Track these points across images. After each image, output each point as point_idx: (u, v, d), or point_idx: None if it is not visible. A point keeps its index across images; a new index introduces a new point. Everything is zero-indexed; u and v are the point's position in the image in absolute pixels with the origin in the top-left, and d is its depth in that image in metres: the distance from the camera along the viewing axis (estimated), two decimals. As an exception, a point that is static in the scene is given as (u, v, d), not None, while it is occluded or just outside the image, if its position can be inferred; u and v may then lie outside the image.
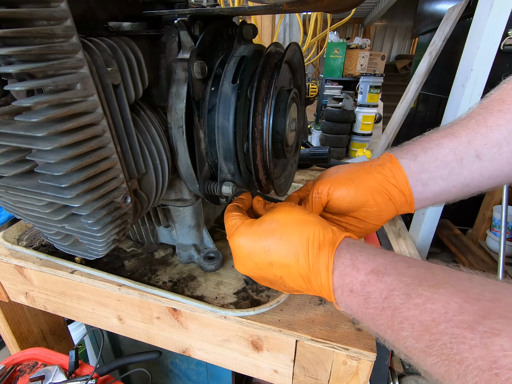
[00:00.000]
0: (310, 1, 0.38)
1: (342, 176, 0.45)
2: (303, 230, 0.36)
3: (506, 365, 0.21)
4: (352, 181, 0.43)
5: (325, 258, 0.34)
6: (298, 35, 3.70)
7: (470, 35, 1.88)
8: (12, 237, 0.68)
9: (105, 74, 0.36)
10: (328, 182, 0.45)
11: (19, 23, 0.28)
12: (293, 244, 0.36)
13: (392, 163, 0.43)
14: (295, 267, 0.36)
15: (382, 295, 0.29)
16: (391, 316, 0.28)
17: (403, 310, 0.27)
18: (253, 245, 0.38)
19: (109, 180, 0.39)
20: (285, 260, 0.36)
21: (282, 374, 0.50)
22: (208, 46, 0.47)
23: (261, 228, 0.39)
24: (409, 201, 0.43)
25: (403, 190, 0.42)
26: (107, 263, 0.61)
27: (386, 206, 0.43)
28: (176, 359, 0.93)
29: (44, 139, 0.32)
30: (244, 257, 0.40)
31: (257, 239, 0.38)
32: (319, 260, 0.34)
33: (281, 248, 0.37)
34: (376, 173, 0.43)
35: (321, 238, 0.36)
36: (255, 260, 0.39)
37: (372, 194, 0.43)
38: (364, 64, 3.25)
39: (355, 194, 0.43)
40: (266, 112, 0.45)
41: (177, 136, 0.48)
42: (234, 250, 0.41)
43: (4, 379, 0.65)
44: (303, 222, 0.38)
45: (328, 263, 0.34)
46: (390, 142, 2.64)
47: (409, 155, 0.43)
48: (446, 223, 2.54)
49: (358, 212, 0.45)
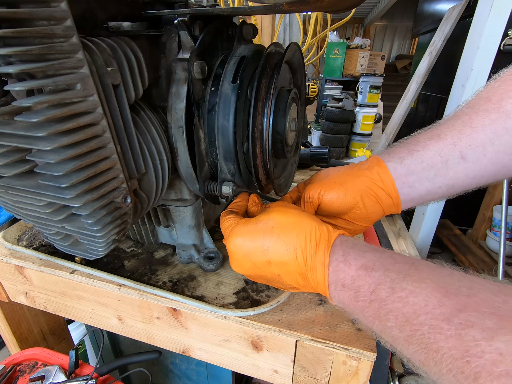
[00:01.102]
0: (310, 1, 0.38)
1: (332, 180, 0.46)
2: (300, 228, 0.37)
3: (476, 354, 0.23)
4: (341, 185, 0.45)
5: (321, 255, 0.35)
6: (298, 35, 3.70)
7: (470, 35, 1.88)
8: (12, 237, 0.68)
9: (105, 74, 0.36)
10: (319, 186, 0.46)
11: (19, 23, 0.28)
12: (292, 242, 0.37)
13: (380, 167, 0.44)
14: (293, 265, 0.37)
15: (370, 289, 0.31)
16: (378, 308, 0.30)
17: (388, 303, 0.29)
18: (251, 245, 0.39)
19: (109, 180, 0.39)
20: (284, 258, 0.37)
21: (282, 374, 0.50)
22: (208, 46, 0.47)
23: (258, 227, 0.39)
24: (395, 203, 0.44)
25: (390, 193, 0.44)
26: (107, 263, 0.61)
27: (373, 208, 0.45)
28: (176, 359, 0.93)
29: (44, 139, 0.32)
30: (242, 257, 0.40)
31: (254, 238, 0.39)
32: (316, 257, 0.35)
33: (279, 246, 0.37)
34: (364, 177, 0.45)
35: (317, 235, 0.36)
36: (253, 259, 0.39)
37: (361, 197, 0.44)
38: (364, 64, 3.26)
39: (345, 198, 0.44)
40: (266, 112, 0.45)
41: (177, 136, 0.48)
42: (231, 250, 0.41)
43: (4, 379, 0.65)
44: (300, 221, 0.38)
45: (324, 260, 0.35)
46: (390, 142, 2.64)
47: (396, 158, 0.44)
48: (446, 223, 2.54)
49: (347, 214, 0.47)
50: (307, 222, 0.38)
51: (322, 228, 0.37)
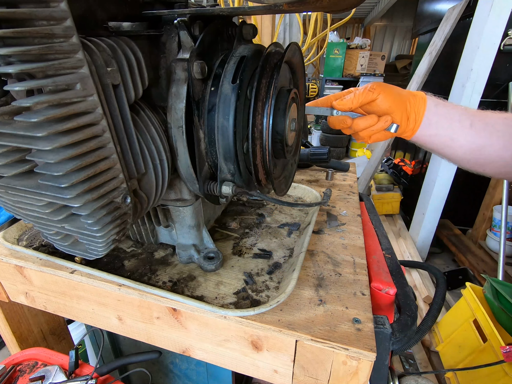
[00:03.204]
0: (310, 1, 0.38)
1: (393, 89, 0.60)
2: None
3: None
4: (398, 95, 0.58)
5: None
6: (298, 35, 3.70)
7: (470, 35, 1.88)
8: (12, 237, 0.68)
9: (105, 74, 0.36)
10: (382, 86, 0.59)
11: (19, 23, 0.28)
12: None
13: (423, 100, 0.60)
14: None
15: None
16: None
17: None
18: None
19: (109, 180, 0.39)
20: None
21: (282, 374, 0.50)
22: (208, 46, 0.47)
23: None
24: (414, 129, 0.60)
25: (417, 120, 0.59)
26: (107, 263, 0.61)
27: (399, 122, 0.59)
28: (176, 359, 0.93)
29: (43, 139, 0.32)
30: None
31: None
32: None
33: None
34: (410, 98, 0.60)
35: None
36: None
37: (400, 110, 0.58)
38: (364, 64, 3.25)
39: (392, 104, 0.57)
40: (266, 112, 0.45)
41: (177, 136, 0.48)
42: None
43: (4, 379, 0.65)
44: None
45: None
46: (390, 142, 2.64)
47: (433, 101, 0.60)
48: (446, 223, 2.54)
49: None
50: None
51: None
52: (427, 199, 2.26)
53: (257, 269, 0.59)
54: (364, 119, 0.58)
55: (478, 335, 1.33)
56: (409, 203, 2.71)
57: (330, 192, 0.80)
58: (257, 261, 0.62)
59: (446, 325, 1.59)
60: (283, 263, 0.61)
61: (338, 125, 0.61)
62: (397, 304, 0.56)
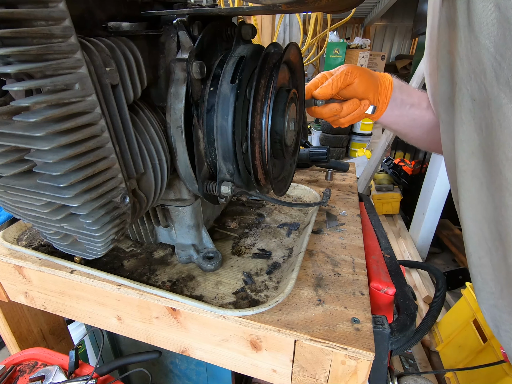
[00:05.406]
0: (309, 2, 0.38)
1: (366, 71, 0.61)
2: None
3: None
4: (371, 77, 0.61)
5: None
6: (298, 35, 3.70)
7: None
8: (11, 236, 0.68)
9: (104, 74, 0.36)
10: (357, 69, 0.61)
11: (17, 23, 0.29)
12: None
13: (390, 82, 0.64)
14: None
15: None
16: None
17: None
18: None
19: (108, 180, 0.39)
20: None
21: (281, 373, 0.50)
22: (207, 46, 0.48)
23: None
24: (382, 110, 0.64)
25: (386, 101, 0.63)
26: (106, 263, 0.61)
27: (374, 103, 0.63)
28: (176, 359, 0.93)
29: (42, 139, 0.32)
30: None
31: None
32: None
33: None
34: (381, 79, 0.64)
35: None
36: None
37: (373, 92, 0.61)
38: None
39: (368, 86, 0.60)
40: (265, 112, 0.45)
41: (176, 136, 0.48)
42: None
43: (4, 379, 0.66)
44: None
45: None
46: (390, 142, 2.64)
47: (398, 83, 0.65)
48: (446, 223, 2.54)
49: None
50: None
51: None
52: (427, 199, 2.26)
53: (256, 269, 0.59)
54: (348, 104, 0.58)
55: (478, 335, 1.33)
56: (409, 203, 2.71)
57: (329, 192, 0.80)
58: (256, 261, 0.62)
59: (446, 325, 1.59)
60: (282, 263, 0.61)
61: (329, 113, 0.61)
62: (396, 304, 0.56)
